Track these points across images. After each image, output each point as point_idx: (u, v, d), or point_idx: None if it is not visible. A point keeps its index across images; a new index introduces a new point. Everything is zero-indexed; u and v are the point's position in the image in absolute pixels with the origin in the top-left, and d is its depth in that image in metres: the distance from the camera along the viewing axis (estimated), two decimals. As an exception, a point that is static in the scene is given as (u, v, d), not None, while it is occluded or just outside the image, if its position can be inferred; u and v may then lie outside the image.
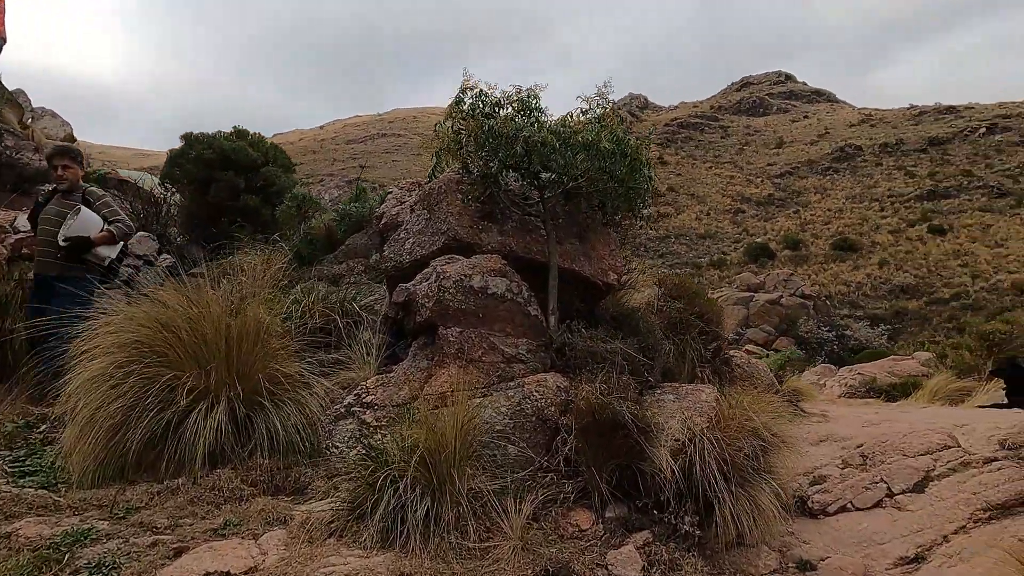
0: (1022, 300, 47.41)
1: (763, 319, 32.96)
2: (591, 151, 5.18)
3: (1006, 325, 11.35)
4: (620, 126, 5.33)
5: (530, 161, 5.20)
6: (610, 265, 5.91)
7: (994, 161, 64.52)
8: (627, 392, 4.44)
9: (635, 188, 5.41)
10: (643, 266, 6.89)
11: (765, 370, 6.95)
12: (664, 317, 6.41)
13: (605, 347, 5.01)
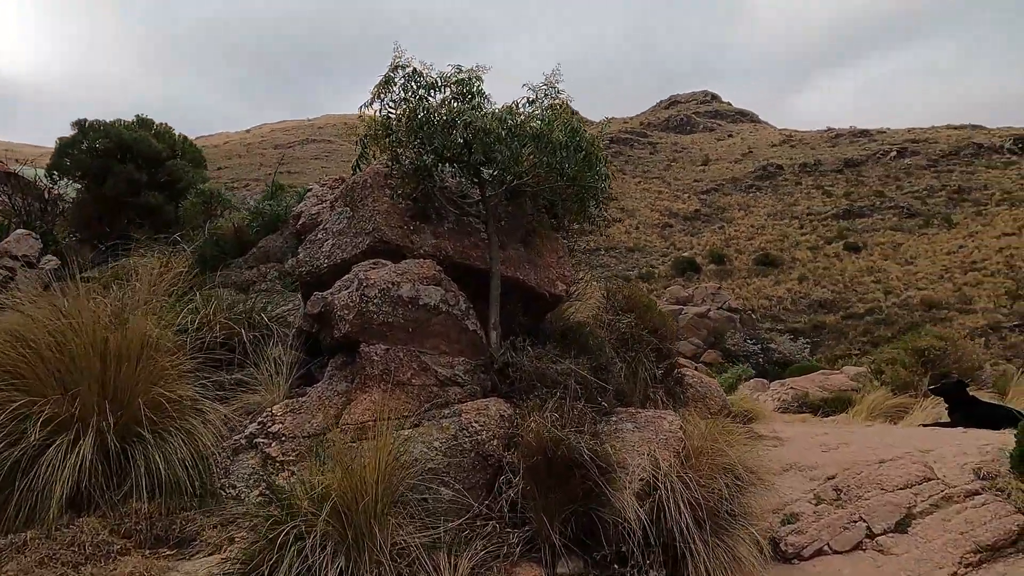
0: (930, 315, 49.28)
1: (692, 332, 33.00)
2: (541, 143, 4.48)
3: (941, 341, 11.19)
4: (574, 117, 4.66)
5: (471, 152, 4.46)
6: (558, 274, 5.21)
7: (904, 183, 67.29)
8: (583, 423, 3.75)
9: (588, 187, 4.73)
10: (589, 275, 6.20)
11: (718, 390, 6.40)
12: (614, 332, 5.77)
13: (556, 368, 4.30)
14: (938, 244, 56.94)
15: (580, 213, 4.94)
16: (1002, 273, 50.71)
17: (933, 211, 61.81)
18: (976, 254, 53.86)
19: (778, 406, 15.60)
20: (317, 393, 4.35)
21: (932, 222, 60.27)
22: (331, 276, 4.77)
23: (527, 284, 5.01)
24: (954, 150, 70.02)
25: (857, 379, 16.89)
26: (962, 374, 11.27)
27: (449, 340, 4.44)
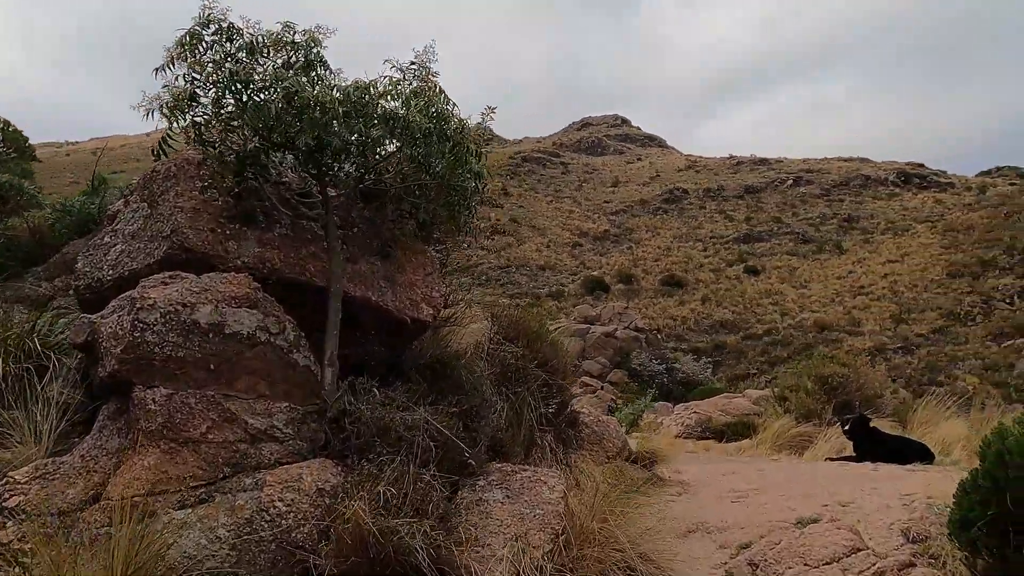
0: (823, 337, 50.90)
1: (599, 351, 32.54)
2: (396, 127, 3.45)
3: (843, 368, 10.77)
4: (443, 98, 3.65)
5: (300, 134, 3.38)
6: (424, 295, 4.18)
7: (799, 210, 69.90)
8: (428, 501, 2.72)
9: (458, 188, 3.73)
10: (471, 297, 5.16)
11: (616, 430, 5.51)
12: (498, 364, 4.79)
13: (404, 418, 3.26)
14: (830, 269, 59.12)
15: (450, 220, 3.92)
16: (887, 298, 52.95)
17: (826, 237, 64.26)
18: (864, 279, 56.15)
19: (682, 431, 15.00)
20: (81, 452, 3.15)
21: (825, 248, 62.62)
22: (115, 293, 3.57)
23: (383, 307, 3.95)
24: (844, 180, 73.33)
25: (759, 403, 16.54)
26: (863, 401, 10.86)
27: (271, 380, 3.34)
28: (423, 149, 3.53)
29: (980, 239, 53.32)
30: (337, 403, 3.40)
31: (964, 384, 41.14)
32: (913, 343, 46.48)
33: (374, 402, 3.40)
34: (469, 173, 3.74)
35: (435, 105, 3.51)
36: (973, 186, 69.87)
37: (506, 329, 5.05)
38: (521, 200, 76.92)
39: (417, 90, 3.56)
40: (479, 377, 4.25)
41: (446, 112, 3.54)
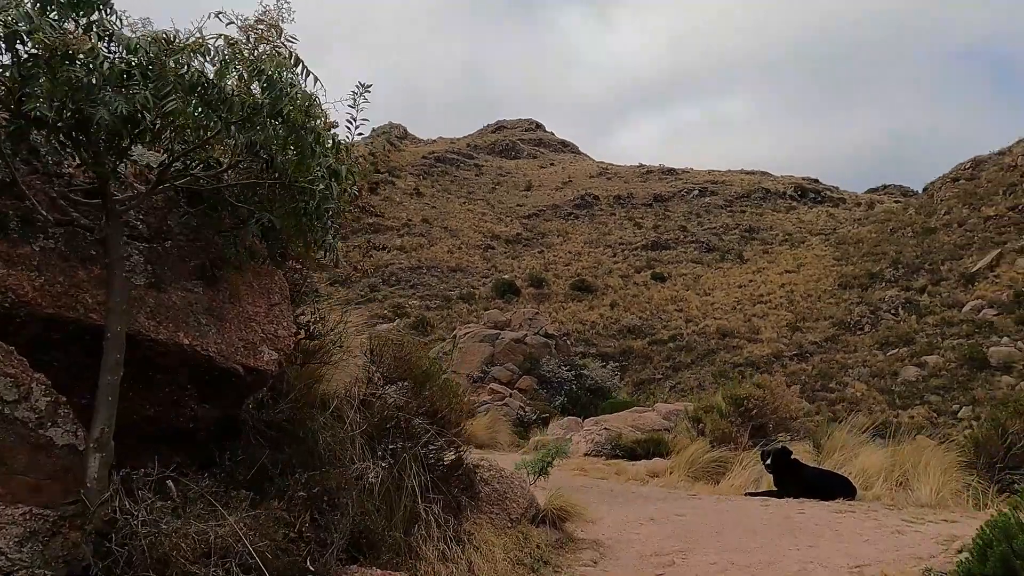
0: (724, 343, 52.03)
1: (508, 357, 31.65)
2: (208, 98, 2.33)
3: (759, 390, 10.21)
4: (286, 63, 2.55)
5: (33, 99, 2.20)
6: (267, 333, 3.05)
7: (704, 220, 71.53)
8: None
9: (306, 190, 2.63)
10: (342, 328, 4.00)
11: (521, 485, 4.54)
12: (375, 414, 3.72)
13: (203, 533, 2.16)
14: (732, 278, 60.59)
15: (297, 235, 2.80)
16: (784, 307, 54.62)
17: (728, 247, 65.89)
18: (763, 288, 57.79)
19: (592, 448, 14.22)
20: None
21: (727, 257, 64.19)
22: None
23: (200, 353, 2.81)
24: (746, 193, 75.56)
25: (670, 418, 15.99)
26: (778, 424, 10.29)
27: (7, 470, 2.17)
28: (255, 134, 2.44)
29: (869, 252, 55.80)
30: (102, 509, 2.26)
31: (853, 391, 42.73)
32: (807, 350, 48.00)
33: (159, 508, 2.27)
34: (321, 171, 2.64)
35: (268, 71, 2.41)
36: (862, 202, 73.39)
37: (388, 368, 3.98)
38: (434, 200, 75.55)
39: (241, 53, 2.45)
40: (343, 439, 3.18)
41: (280, 81, 2.43)
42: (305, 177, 2.58)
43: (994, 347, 39.87)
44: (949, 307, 45.44)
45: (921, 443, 8.95)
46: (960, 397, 38.07)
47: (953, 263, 48.72)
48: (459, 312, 59.54)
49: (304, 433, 3.11)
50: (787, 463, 7.64)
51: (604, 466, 11.93)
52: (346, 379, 3.85)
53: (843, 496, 7.50)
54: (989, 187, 54.52)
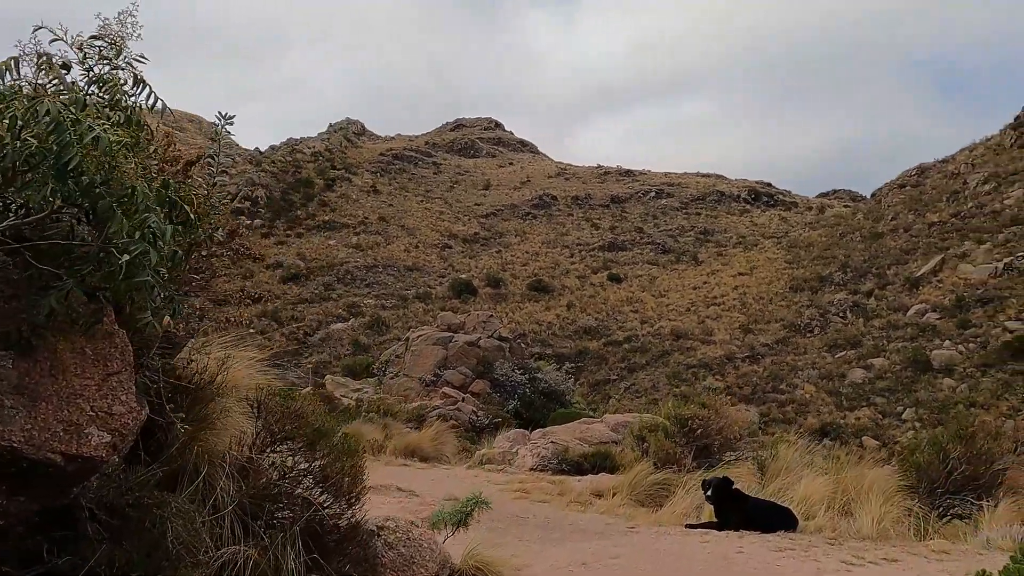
0: (679, 345, 52.32)
1: (461, 360, 31.17)
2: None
3: (704, 410, 9.92)
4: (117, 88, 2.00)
5: None
6: (98, 410, 2.52)
7: (660, 221, 71.95)
8: None
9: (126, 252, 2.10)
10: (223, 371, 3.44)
11: (431, 547, 4.08)
12: (252, 483, 3.22)
13: None
14: (687, 279, 61.02)
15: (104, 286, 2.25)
16: (737, 308, 55.19)
17: (683, 249, 66.35)
18: (717, 290, 58.31)
19: (537, 463, 13.85)
20: None
21: (682, 259, 64.62)
22: None
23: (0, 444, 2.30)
24: (701, 195, 76.22)
25: (618, 430, 15.70)
26: (723, 444, 10.02)
27: None
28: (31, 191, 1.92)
29: (819, 256, 56.71)
30: None
31: (803, 392, 43.29)
32: (759, 352, 48.52)
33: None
34: (144, 231, 2.11)
35: (52, 112, 1.88)
36: (814, 206, 74.67)
37: (275, 424, 3.49)
38: (391, 199, 74.59)
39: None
40: (197, 529, 2.67)
41: (61, 117, 1.89)
42: (119, 238, 2.08)
43: (937, 350, 40.75)
44: (895, 311, 46.36)
45: (864, 468, 8.74)
46: (904, 399, 38.81)
47: (899, 267, 49.74)
48: (415, 312, 58.85)
49: (152, 520, 2.61)
50: (728, 494, 7.32)
51: (548, 484, 11.52)
52: (223, 442, 3.35)
53: (785, 529, 7.23)
54: (934, 194, 55.84)
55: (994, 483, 8.04)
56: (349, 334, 57.29)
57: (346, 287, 64.12)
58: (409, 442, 15.44)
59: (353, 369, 43.01)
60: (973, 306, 43.37)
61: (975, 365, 39.08)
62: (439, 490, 9.86)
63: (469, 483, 11.77)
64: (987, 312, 42.20)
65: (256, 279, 63.62)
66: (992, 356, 38.83)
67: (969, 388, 37.83)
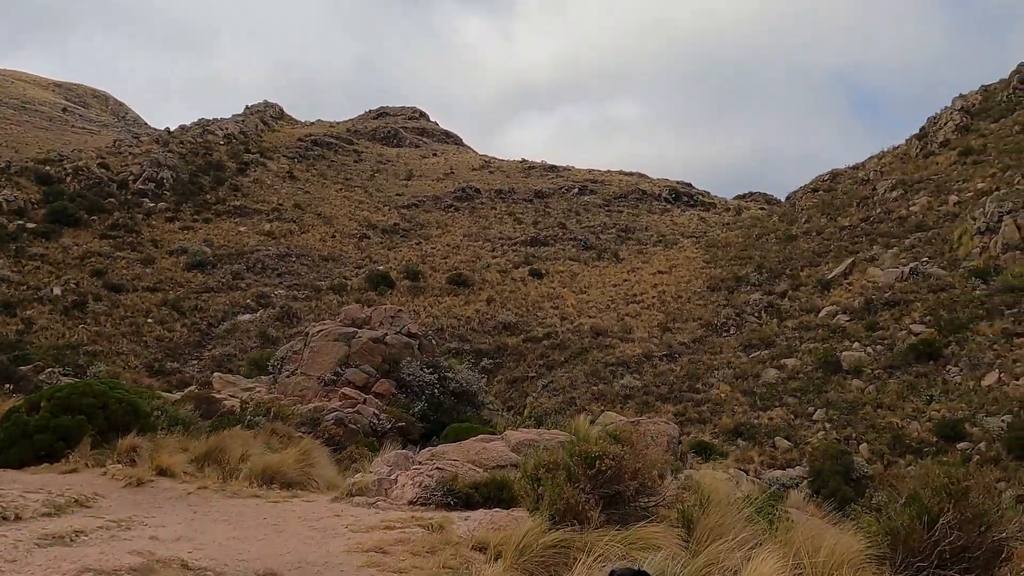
0: (598, 342, 50.65)
1: (365, 358, 28.16)
2: None
3: (616, 447, 7.50)
4: None
5: None
6: None
7: (583, 218, 70.36)
8: None
9: None
10: None
11: None
12: None
13: None
14: (607, 276, 59.53)
15: None
16: (656, 307, 53.97)
17: (605, 246, 64.89)
18: (636, 288, 57.01)
19: (419, 494, 11.15)
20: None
21: (603, 256, 63.12)
22: None
23: None
24: (624, 193, 75.11)
25: (520, 449, 13.21)
26: (639, 490, 7.59)
27: None
28: None
29: (736, 256, 56.13)
30: None
31: (718, 392, 42.16)
32: (676, 351, 47.24)
33: None
34: None
35: None
36: (731, 207, 74.66)
37: None
38: (308, 185, 70.32)
39: None
40: None
41: None
42: None
43: (846, 351, 40.28)
44: (807, 312, 45.88)
45: (817, 526, 6.47)
46: (815, 399, 38.06)
47: (811, 269, 49.44)
48: (329, 304, 55.22)
49: None
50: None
51: (421, 532, 8.85)
52: None
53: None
54: (845, 199, 56.06)
55: (995, 557, 5.77)
56: (257, 326, 53.22)
57: (256, 276, 59.83)
58: (268, 464, 12.44)
59: (260, 363, 39.41)
60: (880, 309, 43.20)
61: (882, 367, 38.71)
62: (263, 555, 7.11)
63: (318, 534, 8.95)
64: (893, 315, 42.06)
65: (158, 265, 58.58)
66: (898, 358, 38.54)
67: (876, 389, 37.37)
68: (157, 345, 50.99)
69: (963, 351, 35.45)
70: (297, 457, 13.02)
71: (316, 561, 7.27)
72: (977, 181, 46.19)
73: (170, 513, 10.06)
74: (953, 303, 38.78)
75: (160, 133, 75.07)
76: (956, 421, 30.87)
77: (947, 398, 33.14)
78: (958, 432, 30.42)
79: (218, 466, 13.35)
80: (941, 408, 32.39)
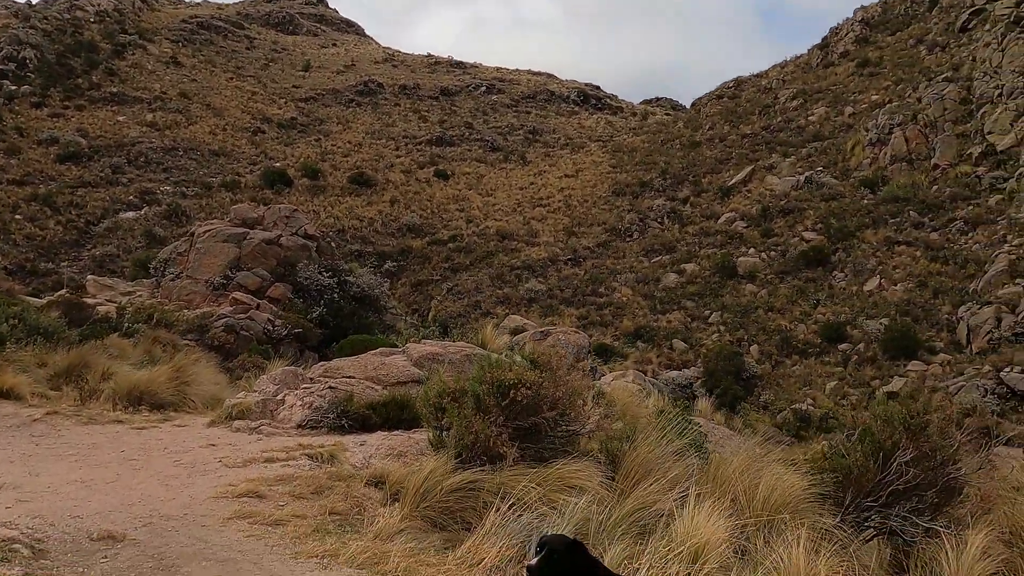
0: (503, 245, 49.70)
1: (258, 261, 25.93)
2: None
3: (534, 372, 6.40)
4: None
5: None
6: None
7: (490, 118, 67.73)
8: None
9: None
10: None
11: None
12: None
13: None
14: (514, 179, 58.03)
15: None
16: (562, 211, 53.23)
17: (512, 148, 62.96)
18: (543, 191, 55.93)
19: (308, 416, 9.88)
20: None
21: (510, 158, 61.32)
22: None
23: None
24: (532, 94, 72.61)
25: (423, 364, 12.08)
26: (557, 421, 6.59)
27: None
28: None
29: (641, 162, 55.69)
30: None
31: (620, 296, 42.48)
32: (581, 255, 47.05)
33: None
34: None
35: None
36: (638, 112, 73.72)
37: None
38: (195, 72, 63.78)
39: None
40: None
41: None
42: None
43: (742, 257, 41.16)
44: (707, 218, 46.40)
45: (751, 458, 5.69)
46: (712, 303, 38.93)
47: (713, 176, 49.72)
48: (221, 202, 51.16)
49: None
50: (576, 570, 3.81)
51: (309, 464, 7.70)
52: None
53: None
54: (748, 106, 56.15)
55: (947, 495, 5.11)
56: (142, 224, 48.91)
57: (139, 171, 54.56)
58: (136, 383, 10.74)
59: (146, 265, 36.11)
60: (776, 216, 44.15)
61: (774, 272, 39.84)
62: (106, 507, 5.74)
63: (184, 472, 7.54)
64: (788, 222, 43.09)
65: (25, 156, 52.24)
66: (789, 264, 39.75)
67: (768, 294, 38.53)
68: (28, 244, 46.10)
69: (849, 258, 36.83)
70: (170, 374, 11.35)
71: (172, 514, 5.91)
72: (872, 93, 46.99)
73: (3, 448, 8.35)
74: (843, 212, 39.98)
75: (19, 6, 65.56)
76: (839, 324, 32.27)
77: (832, 302, 34.54)
78: (840, 334, 31.86)
79: (77, 385, 11.52)
80: (827, 312, 33.77)
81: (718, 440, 11.06)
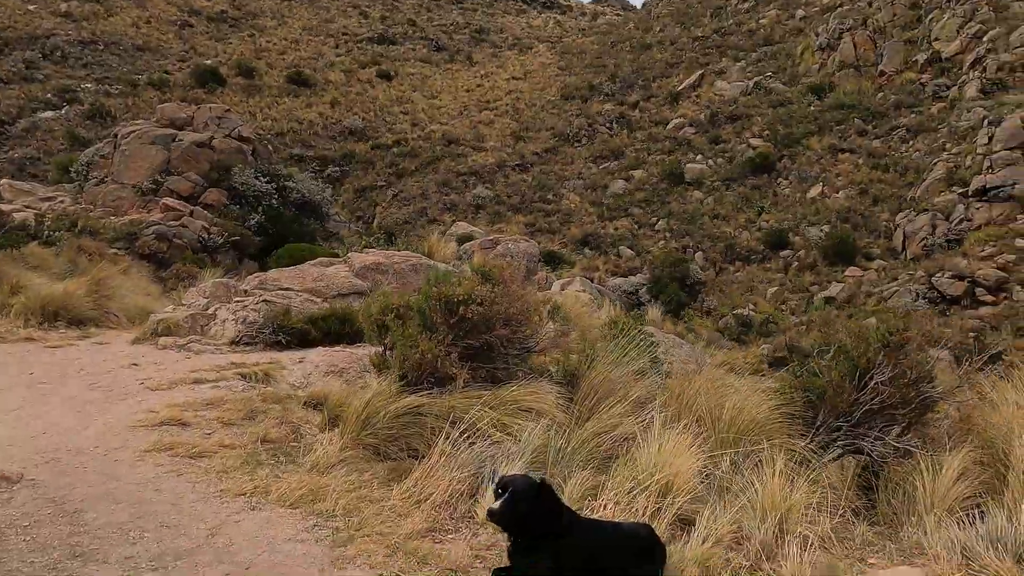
0: (450, 150, 47.97)
1: (189, 165, 24.21)
2: None
3: (485, 285, 5.78)
4: None
5: None
6: None
7: (434, 15, 64.06)
8: None
9: None
10: None
11: None
12: None
13: None
14: (460, 81, 55.54)
15: None
16: (509, 114, 51.45)
17: (458, 47, 59.97)
18: (490, 94, 53.80)
19: (242, 332, 9.19)
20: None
21: (456, 58, 58.49)
22: None
23: None
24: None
25: (366, 275, 11.38)
26: (510, 340, 6.04)
27: None
28: None
29: (590, 64, 53.81)
30: None
31: (568, 203, 41.87)
32: (529, 161, 45.84)
33: None
34: None
35: None
36: (587, 12, 70.76)
37: None
38: (110, -43, 57.66)
39: None
40: None
41: None
42: None
43: (690, 164, 40.74)
44: (656, 124, 45.52)
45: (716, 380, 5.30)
46: (659, 210, 38.71)
47: (663, 80, 48.48)
48: (148, 101, 47.46)
49: None
50: (538, 514, 3.32)
51: (241, 385, 7.11)
52: None
53: (636, 566, 3.48)
54: (699, 8, 54.31)
55: (921, 413, 4.83)
56: (63, 125, 45.17)
57: (56, 66, 50.03)
58: (50, 297, 9.73)
59: (68, 168, 33.48)
60: (724, 122, 43.56)
61: (721, 179, 39.64)
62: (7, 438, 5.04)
63: (101, 396, 6.80)
64: (735, 128, 42.60)
65: (-79, 48, 47.12)
66: (736, 171, 39.54)
67: (714, 201, 38.43)
68: None
69: (794, 165, 36.80)
70: (90, 286, 10.35)
71: (82, 447, 5.23)
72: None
73: None
74: (789, 118, 39.63)
75: None
76: (782, 231, 32.55)
77: (776, 209, 34.70)
78: (783, 241, 32.18)
79: (-17, 301, 10.42)
80: (770, 219, 33.95)
81: (668, 348, 10.82)
